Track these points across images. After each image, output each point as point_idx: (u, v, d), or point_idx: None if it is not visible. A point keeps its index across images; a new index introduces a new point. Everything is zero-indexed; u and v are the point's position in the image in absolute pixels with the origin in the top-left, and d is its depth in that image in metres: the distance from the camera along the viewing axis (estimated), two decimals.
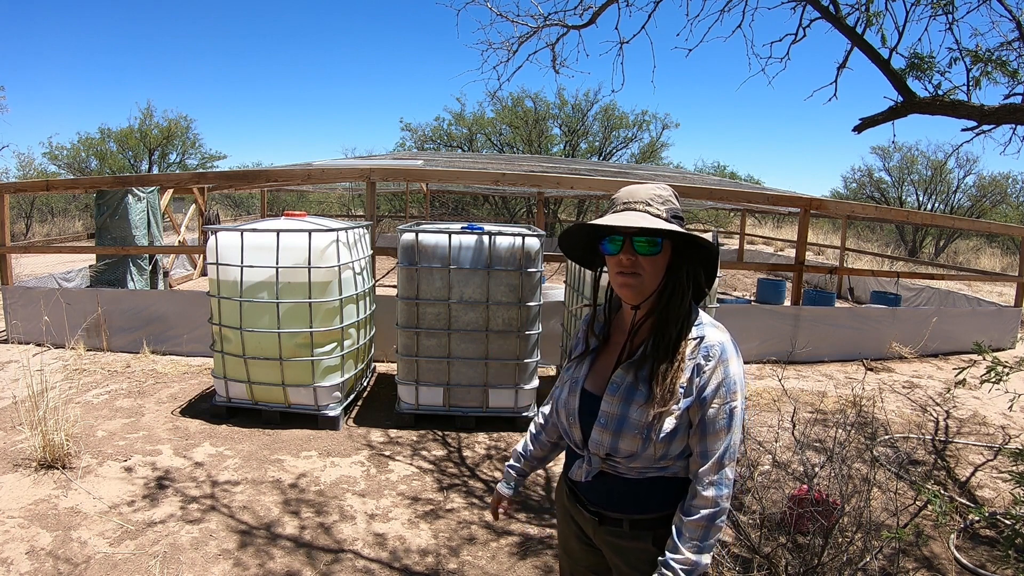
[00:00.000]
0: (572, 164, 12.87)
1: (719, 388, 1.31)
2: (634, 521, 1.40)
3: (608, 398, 1.37)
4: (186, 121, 22.42)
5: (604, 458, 1.39)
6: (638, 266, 1.32)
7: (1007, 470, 3.60)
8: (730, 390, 1.31)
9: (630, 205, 1.34)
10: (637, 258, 1.32)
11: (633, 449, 1.33)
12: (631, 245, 1.31)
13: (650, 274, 1.33)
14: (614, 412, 1.35)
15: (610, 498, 1.41)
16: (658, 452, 1.33)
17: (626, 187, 1.39)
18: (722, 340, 1.34)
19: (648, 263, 1.32)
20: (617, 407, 1.35)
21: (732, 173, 26.63)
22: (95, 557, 2.79)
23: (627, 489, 1.39)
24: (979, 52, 2.94)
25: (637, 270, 1.32)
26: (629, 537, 1.40)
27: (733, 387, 1.32)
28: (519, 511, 3.36)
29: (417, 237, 4.25)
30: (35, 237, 16.21)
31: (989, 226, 10.58)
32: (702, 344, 1.33)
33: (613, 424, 1.35)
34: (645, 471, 1.37)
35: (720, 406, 1.31)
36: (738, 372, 1.33)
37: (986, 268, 14.87)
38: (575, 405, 1.44)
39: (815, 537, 2.46)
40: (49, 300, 5.92)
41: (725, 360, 1.32)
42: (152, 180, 9.00)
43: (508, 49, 4.39)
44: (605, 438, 1.36)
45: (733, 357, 1.33)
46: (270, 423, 4.34)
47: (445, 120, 22.72)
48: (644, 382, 1.34)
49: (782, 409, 4.87)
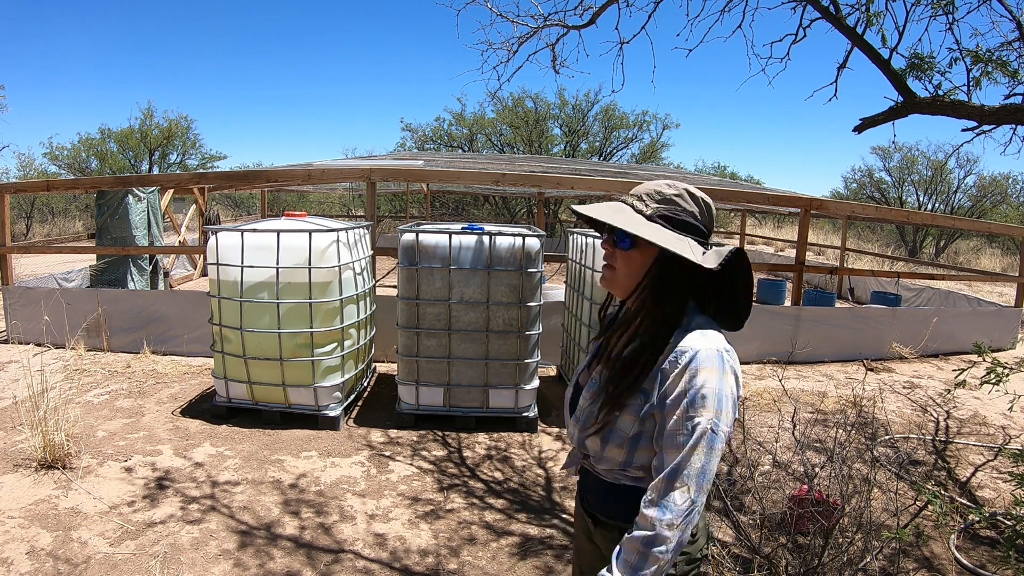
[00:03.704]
0: (572, 164, 12.86)
1: (681, 398, 1.18)
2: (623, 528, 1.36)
3: (585, 393, 1.38)
4: (186, 121, 22.44)
5: (583, 456, 1.40)
6: (614, 258, 1.33)
7: (1007, 470, 3.60)
8: (694, 403, 1.16)
9: (622, 196, 1.36)
10: (615, 250, 1.32)
11: (596, 447, 1.32)
12: (612, 237, 1.32)
13: (624, 269, 1.31)
14: (586, 408, 1.36)
15: (597, 501, 1.40)
16: (619, 457, 1.29)
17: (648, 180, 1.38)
18: (697, 347, 1.20)
19: (623, 257, 1.31)
20: (588, 403, 1.36)
21: (732, 173, 26.65)
22: (95, 557, 2.79)
23: (607, 492, 1.37)
24: (979, 52, 2.94)
25: (611, 262, 1.33)
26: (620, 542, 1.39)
27: (700, 400, 1.16)
28: (519, 511, 3.36)
29: (417, 237, 4.25)
30: (35, 237, 16.22)
31: (989, 226, 10.58)
32: (673, 349, 1.22)
33: (583, 419, 1.36)
34: (617, 476, 1.34)
35: (681, 418, 1.17)
36: (712, 385, 1.17)
37: (986, 268, 14.86)
38: (567, 396, 1.47)
39: (815, 537, 2.45)
40: (49, 300, 5.92)
41: (694, 369, 1.18)
42: (152, 180, 9.00)
43: (508, 49, 4.38)
44: (575, 432, 1.37)
45: (709, 368, 1.18)
46: (270, 423, 4.34)
47: (445, 120, 22.74)
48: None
49: (782, 409, 4.87)
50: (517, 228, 4.59)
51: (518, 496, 3.53)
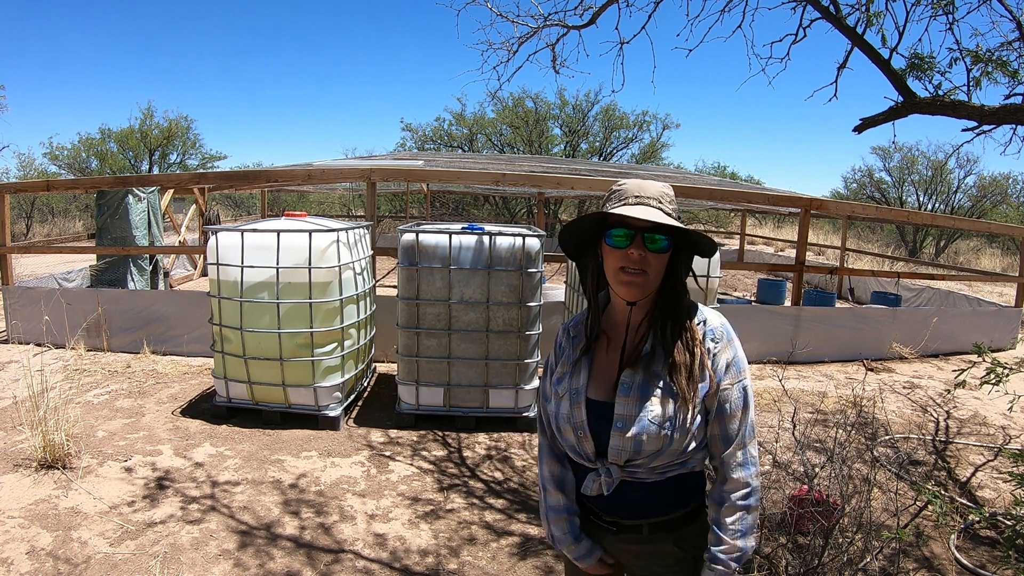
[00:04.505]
0: (572, 164, 12.87)
1: (729, 368, 1.34)
2: (654, 525, 1.37)
3: (621, 400, 1.32)
4: (186, 121, 22.47)
5: (623, 465, 1.33)
6: (646, 263, 1.28)
7: (1007, 470, 3.60)
8: (739, 368, 1.35)
9: (643, 200, 1.29)
10: (647, 254, 1.28)
11: (657, 447, 1.29)
12: (642, 240, 1.28)
13: (656, 271, 1.30)
14: (631, 413, 1.30)
15: (629, 506, 1.37)
16: (681, 445, 1.30)
17: (632, 180, 1.35)
18: (723, 322, 1.39)
19: (656, 260, 1.29)
20: (634, 407, 1.30)
21: (732, 173, 26.65)
22: (95, 557, 2.79)
23: (647, 494, 1.35)
24: (979, 52, 2.94)
25: (645, 267, 1.28)
26: (648, 541, 1.38)
27: (741, 364, 1.36)
28: (519, 511, 3.36)
29: (417, 237, 4.25)
30: (35, 237, 16.23)
31: (989, 226, 10.59)
32: (707, 328, 1.36)
33: (633, 426, 1.29)
34: (666, 471, 1.33)
35: (733, 385, 1.34)
36: (740, 351, 1.38)
37: (986, 268, 14.86)
38: (582, 417, 1.36)
39: (815, 537, 2.45)
40: (49, 300, 5.92)
41: (731, 339, 1.37)
42: (152, 180, 9.01)
43: (508, 49, 4.38)
44: (626, 443, 1.30)
45: (735, 337, 1.38)
46: (270, 423, 4.34)
47: (446, 120, 22.77)
48: (657, 376, 1.31)
49: (782, 409, 4.87)
50: (517, 228, 4.59)
51: (518, 496, 3.53)
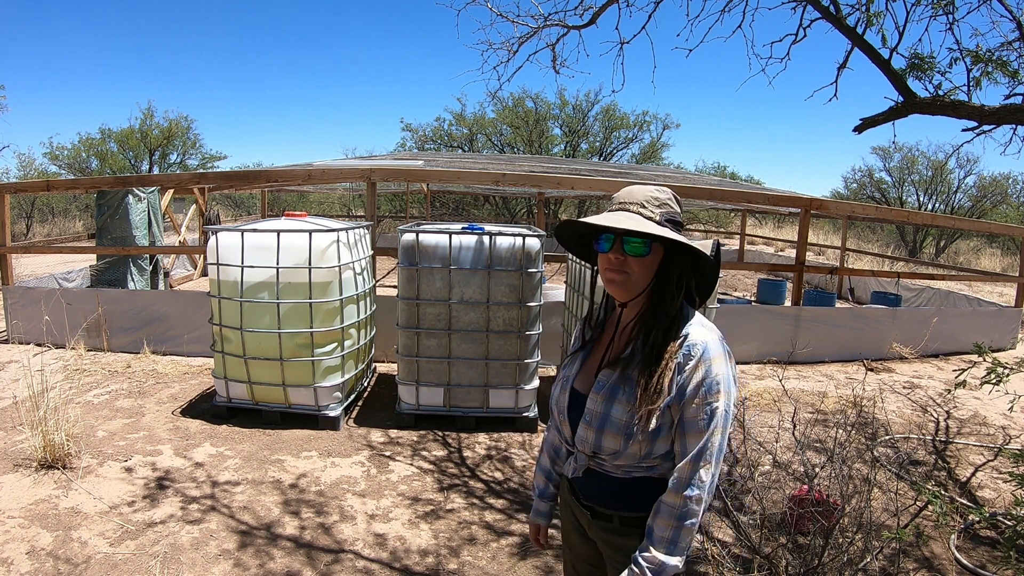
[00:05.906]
0: (572, 164, 12.87)
1: (699, 387, 1.31)
2: (624, 519, 1.42)
3: (593, 396, 1.41)
4: (187, 121, 22.46)
5: (590, 456, 1.42)
6: (626, 265, 1.36)
7: (1007, 471, 3.60)
8: (711, 390, 1.30)
9: (625, 205, 1.38)
10: (626, 258, 1.35)
11: (616, 447, 1.35)
12: (621, 245, 1.35)
13: (638, 274, 1.36)
14: (598, 410, 1.38)
15: (600, 495, 1.45)
16: (641, 451, 1.35)
17: (627, 187, 1.42)
18: (705, 339, 1.33)
19: (636, 263, 1.35)
20: (601, 405, 1.38)
21: (732, 173, 26.64)
22: (95, 557, 2.79)
23: (614, 487, 1.42)
24: (980, 52, 2.94)
25: (625, 269, 1.36)
26: (619, 533, 1.44)
27: (715, 387, 1.30)
28: (519, 511, 3.36)
29: (417, 237, 4.25)
30: (35, 237, 16.22)
31: (989, 226, 10.58)
32: (685, 343, 1.34)
33: (596, 422, 1.38)
34: (630, 470, 1.39)
35: (700, 405, 1.30)
36: (723, 372, 1.32)
37: (986, 268, 14.86)
38: (565, 403, 1.49)
39: (815, 537, 2.46)
40: (49, 300, 5.92)
41: (707, 359, 1.31)
42: (153, 180, 9.01)
43: (508, 49, 4.39)
44: (589, 435, 1.39)
45: (718, 357, 1.32)
46: (270, 423, 4.34)
47: (446, 120, 22.77)
48: (628, 381, 1.36)
49: (783, 409, 4.87)
50: (517, 228, 4.59)
51: (518, 496, 3.54)
